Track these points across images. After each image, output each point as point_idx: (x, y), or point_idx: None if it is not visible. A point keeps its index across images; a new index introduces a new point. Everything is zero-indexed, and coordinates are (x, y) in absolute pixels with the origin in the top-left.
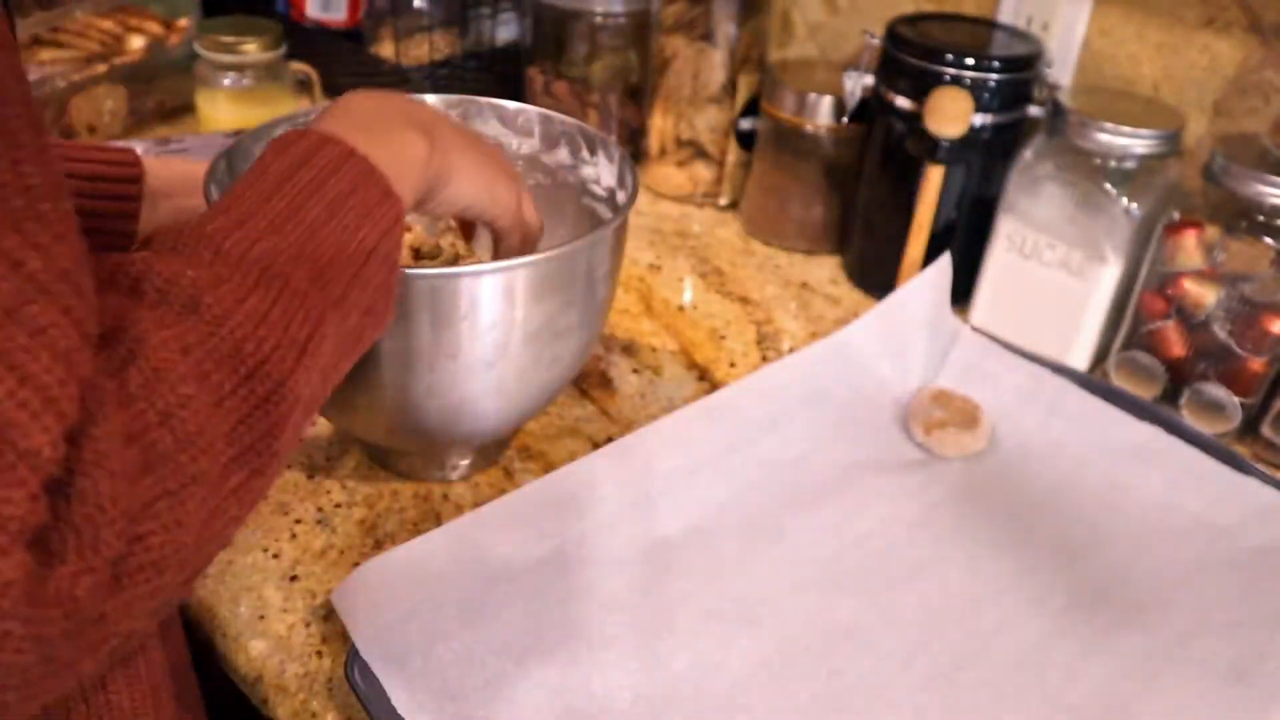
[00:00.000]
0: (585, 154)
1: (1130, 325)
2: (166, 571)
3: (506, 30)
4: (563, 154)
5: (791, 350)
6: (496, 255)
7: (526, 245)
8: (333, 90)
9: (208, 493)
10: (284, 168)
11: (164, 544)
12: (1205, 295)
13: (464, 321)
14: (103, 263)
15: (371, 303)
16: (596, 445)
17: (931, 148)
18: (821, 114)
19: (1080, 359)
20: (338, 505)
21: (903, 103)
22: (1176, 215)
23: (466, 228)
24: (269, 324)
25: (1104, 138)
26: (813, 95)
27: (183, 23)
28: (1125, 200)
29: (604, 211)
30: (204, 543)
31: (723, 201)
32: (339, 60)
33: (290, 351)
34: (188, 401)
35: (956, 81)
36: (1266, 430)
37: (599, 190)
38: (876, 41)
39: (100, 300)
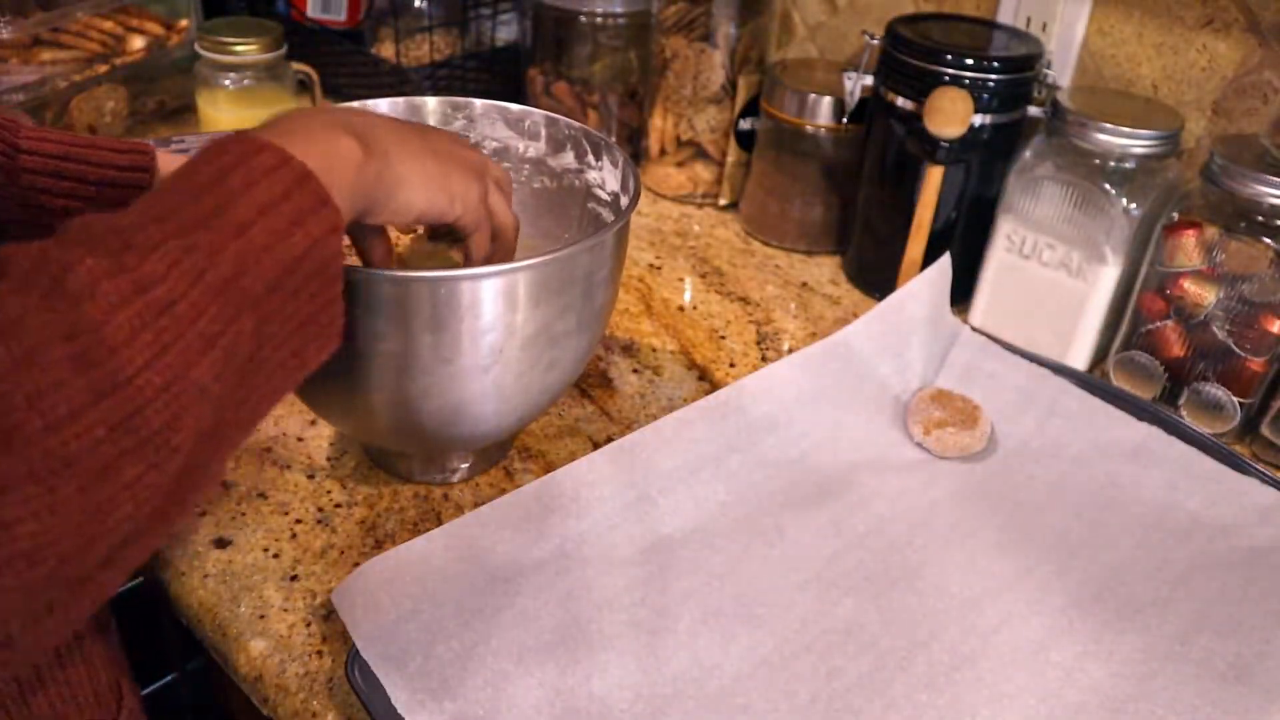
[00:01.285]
0: (591, 158)
1: (1129, 325)
2: (42, 563)
3: (506, 30)
4: (568, 158)
5: (791, 350)
6: (465, 255)
7: (500, 242)
8: (332, 90)
9: (88, 482)
10: (214, 171)
11: (36, 533)
12: (1204, 295)
13: (459, 325)
14: (4, 253)
15: (308, 315)
16: (596, 445)
17: (931, 148)
18: (821, 114)
19: (1080, 359)
20: (338, 505)
21: (903, 103)
22: (1175, 215)
23: None
24: (172, 315)
25: (1103, 138)
26: (813, 95)
27: (183, 23)
28: (1124, 200)
29: (608, 216)
30: (92, 538)
31: (723, 201)
32: (339, 61)
33: (195, 344)
34: (61, 385)
35: (956, 82)
36: (1266, 430)
37: (603, 195)
38: (876, 42)
39: None
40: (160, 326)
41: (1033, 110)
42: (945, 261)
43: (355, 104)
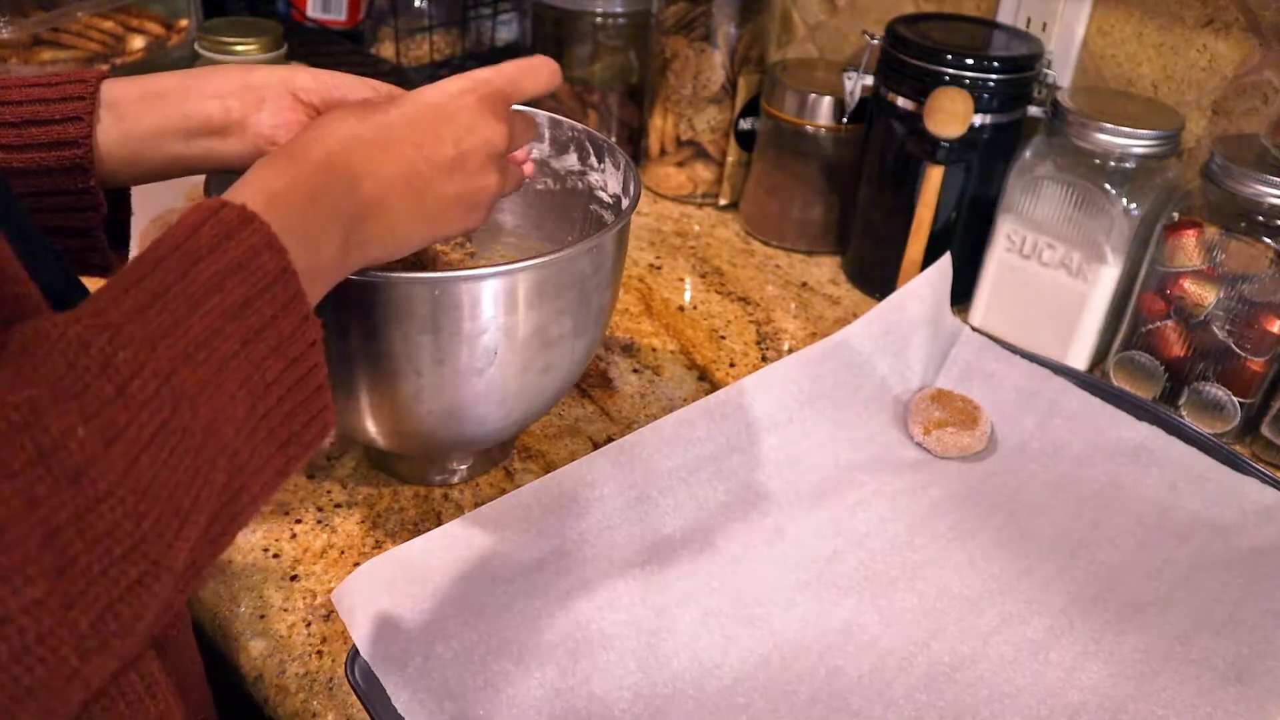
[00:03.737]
0: (593, 160)
1: (1130, 325)
2: None
3: (506, 30)
4: (572, 160)
5: (791, 350)
6: None
7: None
8: None
9: (50, 698)
10: (219, 269)
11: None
12: (1205, 295)
13: (456, 326)
14: None
15: (290, 435)
16: (596, 445)
17: (931, 148)
18: (821, 114)
19: (1080, 359)
20: (338, 505)
21: (903, 103)
22: (1176, 215)
23: None
24: (153, 495)
25: (1103, 138)
26: (813, 95)
27: (183, 23)
28: (1125, 200)
29: (610, 219)
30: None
31: (723, 201)
32: (339, 61)
33: (171, 523)
34: (33, 607)
35: (956, 81)
36: (1266, 430)
37: (605, 198)
38: (876, 41)
39: None
40: (140, 513)
41: (1033, 110)
42: (945, 261)
43: (369, 114)
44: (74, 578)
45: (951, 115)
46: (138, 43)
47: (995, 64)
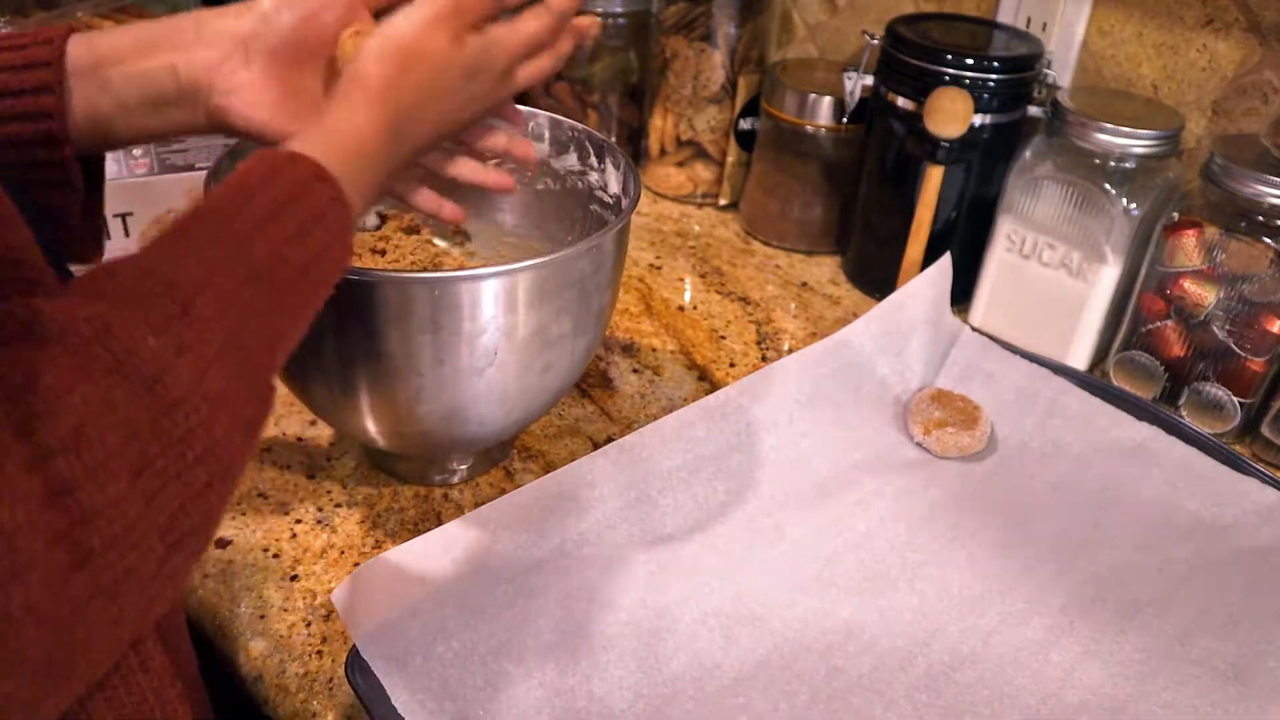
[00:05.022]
0: (593, 160)
1: (1130, 325)
2: (101, 665)
3: None
4: (572, 159)
5: (791, 350)
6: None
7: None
8: None
9: (145, 585)
10: (273, 200)
11: (105, 644)
12: (1204, 295)
13: (457, 326)
14: (49, 314)
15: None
16: (596, 445)
17: (931, 148)
18: (821, 114)
19: (1080, 359)
20: (338, 505)
21: (903, 103)
22: (1176, 215)
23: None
24: (224, 404)
25: (1103, 138)
26: (813, 95)
27: None
28: (1125, 200)
29: (610, 218)
30: (141, 627)
31: (723, 201)
32: None
33: (238, 433)
34: (119, 501)
35: (956, 81)
36: (1266, 430)
37: (605, 197)
38: (876, 42)
39: (42, 357)
40: (212, 420)
41: (1033, 110)
42: (945, 261)
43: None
44: (154, 474)
45: (951, 115)
46: None
47: (995, 64)
